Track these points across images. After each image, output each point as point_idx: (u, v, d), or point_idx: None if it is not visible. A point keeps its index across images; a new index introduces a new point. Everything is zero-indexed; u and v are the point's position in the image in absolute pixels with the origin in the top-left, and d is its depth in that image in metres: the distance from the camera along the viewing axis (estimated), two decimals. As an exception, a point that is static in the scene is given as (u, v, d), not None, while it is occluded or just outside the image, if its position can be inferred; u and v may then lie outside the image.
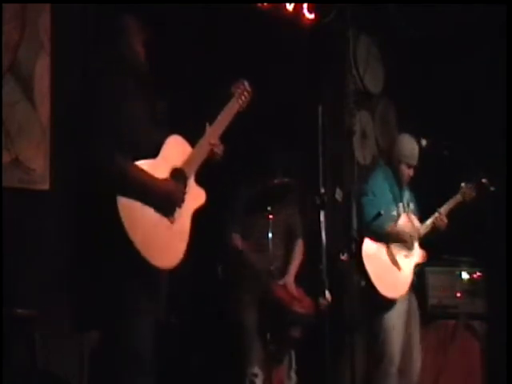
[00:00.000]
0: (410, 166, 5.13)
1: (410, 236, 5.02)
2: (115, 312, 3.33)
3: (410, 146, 5.15)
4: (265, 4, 5.74)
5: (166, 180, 3.36)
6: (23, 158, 4.44)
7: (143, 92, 3.50)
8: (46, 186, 4.53)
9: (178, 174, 3.43)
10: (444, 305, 5.78)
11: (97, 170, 3.22)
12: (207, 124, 3.60)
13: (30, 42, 4.50)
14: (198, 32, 5.42)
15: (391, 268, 4.96)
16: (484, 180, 5.15)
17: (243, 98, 3.75)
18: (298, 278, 5.06)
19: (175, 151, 3.44)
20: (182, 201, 3.39)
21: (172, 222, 3.37)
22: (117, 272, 3.25)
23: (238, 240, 4.90)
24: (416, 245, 5.06)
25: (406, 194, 5.20)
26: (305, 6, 6.01)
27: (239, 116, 3.88)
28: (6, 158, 4.35)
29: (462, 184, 5.22)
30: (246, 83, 3.78)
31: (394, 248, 4.99)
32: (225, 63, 5.39)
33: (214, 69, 5.34)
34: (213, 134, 3.59)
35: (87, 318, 3.51)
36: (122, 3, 4.60)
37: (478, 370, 5.74)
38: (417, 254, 5.07)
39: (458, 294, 5.85)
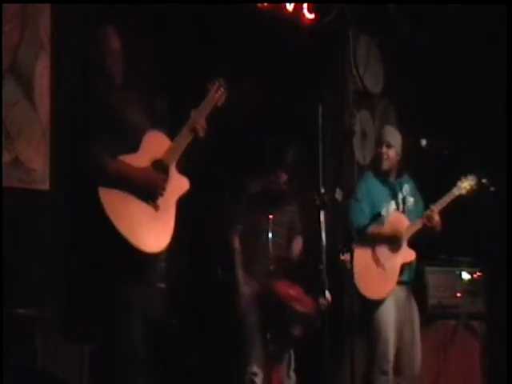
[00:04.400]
0: (389, 146, 5.09)
1: (396, 236, 4.97)
2: (114, 312, 3.34)
3: (389, 130, 5.23)
4: (265, 4, 5.74)
5: (145, 168, 3.45)
6: (23, 158, 4.44)
7: (132, 92, 3.56)
8: (45, 186, 4.53)
9: (159, 165, 3.51)
10: (444, 305, 5.78)
11: (80, 165, 3.28)
12: (192, 111, 3.70)
13: (30, 41, 4.50)
14: (197, 32, 5.42)
15: (375, 269, 4.94)
16: (484, 180, 5.13)
17: (219, 92, 3.83)
18: (298, 278, 5.07)
19: (155, 145, 3.54)
20: (163, 188, 3.48)
21: (156, 210, 3.44)
22: (112, 268, 3.28)
23: (236, 243, 4.91)
24: (404, 244, 5.02)
25: (405, 189, 5.15)
26: (305, 5, 6.01)
27: (239, 116, 3.91)
28: (6, 157, 4.35)
29: (462, 178, 5.14)
30: (221, 80, 3.84)
31: (379, 248, 4.97)
32: (224, 63, 5.39)
33: (214, 68, 5.33)
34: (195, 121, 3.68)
35: (86, 317, 3.52)
36: (120, 3, 4.64)
37: (477, 370, 5.73)
38: (404, 254, 5.02)
39: (458, 294, 5.84)
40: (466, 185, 5.09)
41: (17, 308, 4.06)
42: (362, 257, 4.90)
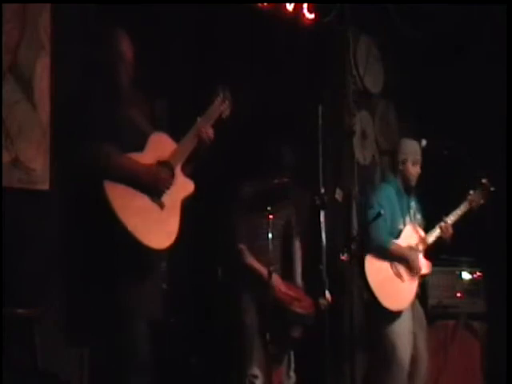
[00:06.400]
0: (415, 163, 5.09)
1: (414, 251, 4.96)
2: (115, 312, 3.34)
3: (411, 145, 5.12)
4: (265, 4, 5.74)
5: (150, 164, 3.44)
6: (23, 158, 4.44)
7: (136, 92, 3.57)
8: (46, 186, 4.53)
9: (164, 165, 3.50)
10: (444, 305, 5.78)
11: (85, 160, 3.28)
12: (198, 118, 3.69)
13: (30, 42, 4.50)
14: (196, 32, 5.43)
15: (395, 280, 4.92)
16: (484, 180, 5.13)
17: (224, 105, 3.83)
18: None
19: (160, 146, 3.53)
20: (169, 183, 3.47)
21: (162, 208, 3.43)
22: (114, 267, 3.28)
23: (245, 251, 4.87)
24: (420, 256, 4.99)
25: (413, 204, 5.14)
26: (305, 6, 6.01)
27: (240, 116, 3.92)
28: (6, 157, 4.35)
29: (471, 191, 5.14)
30: (226, 93, 3.84)
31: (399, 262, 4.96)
32: (224, 63, 5.39)
33: (213, 68, 5.34)
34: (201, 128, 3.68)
35: (87, 317, 3.51)
36: (120, 4, 4.64)
37: (478, 370, 5.74)
38: (422, 266, 4.99)
39: (458, 294, 5.85)
40: (476, 198, 5.08)
41: (17, 308, 4.06)
42: (381, 268, 4.89)
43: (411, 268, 4.92)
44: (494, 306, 5.78)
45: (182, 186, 3.56)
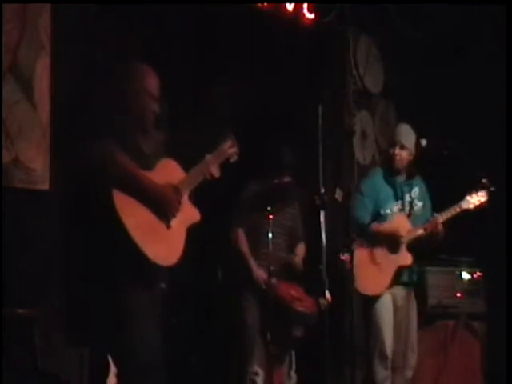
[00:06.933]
0: (403, 147, 5.06)
1: (396, 238, 4.96)
2: (115, 312, 3.34)
3: (403, 130, 5.11)
4: (265, 4, 5.74)
5: (163, 185, 3.43)
6: (23, 158, 4.44)
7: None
8: (45, 186, 4.54)
9: (174, 190, 3.50)
10: (444, 305, 5.78)
11: (96, 166, 3.26)
12: (207, 155, 3.72)
13: (30, 42, 4.50)
14: (197, 32, 5.43)
15: (371, 267, 4.93)
16: (484, 180, 5.12)
17: (231, 150, 3.85)
18: (299, 278, 5.07)
19: (169, 171, 3.54)
20: (177, 209, 3.46)
21: (168, 228, 3.44)
22: (116, 268, 3.28)
23: (242, 236, 4.90)
24: (403, 247, 4.98)
25: (414, 191, 5.10)
26: (305, 6, 6.02)
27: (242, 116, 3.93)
28: (6, 157, 4.36)
29: (467, 197, 5.09)
30: (233, 138, 3.86)
31: (378, 247, 4.95)
32: (224, 63, 5.39)
33: (214, 68, 5.34)
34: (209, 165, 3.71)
35: (87, 318, 3.51)
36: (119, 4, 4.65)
37: (478, 370, 5.74)
38: (402, 257, 4.96)
39: (458, 294, 5.84)
40: (475, 200, 5.05)
41: (17, 308, 4.06)
42: (359, 253, 4.89)
43: (388, 251, 4.92)
44: (493, 306, 5.77)
45: (189, 214, 3.57)
